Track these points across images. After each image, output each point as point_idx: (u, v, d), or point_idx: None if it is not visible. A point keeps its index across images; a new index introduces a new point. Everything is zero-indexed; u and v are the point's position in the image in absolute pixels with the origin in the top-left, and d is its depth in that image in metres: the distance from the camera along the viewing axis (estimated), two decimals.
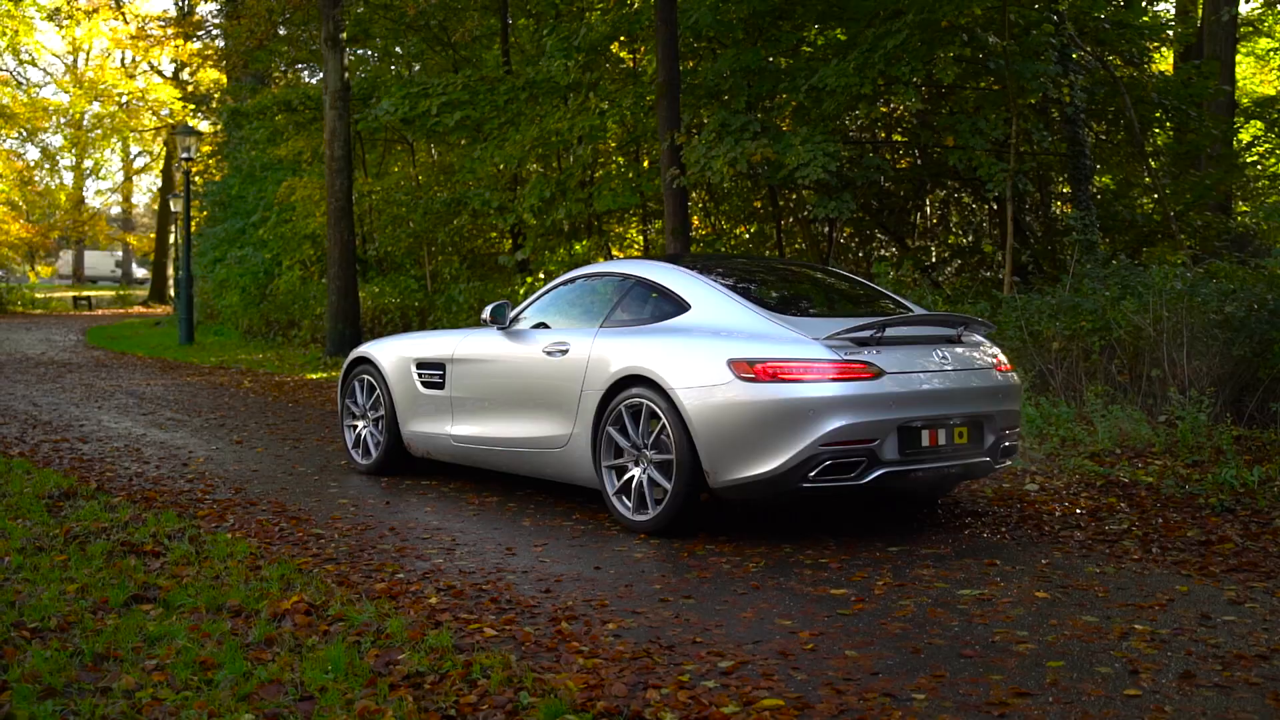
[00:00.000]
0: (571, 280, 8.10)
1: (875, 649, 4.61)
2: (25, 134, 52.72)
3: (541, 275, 18.70)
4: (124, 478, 8.64)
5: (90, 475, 8.69)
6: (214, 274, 28.63)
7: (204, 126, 37.92)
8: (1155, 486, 7.73)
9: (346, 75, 18.51)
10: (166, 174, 51.23)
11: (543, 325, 7.89)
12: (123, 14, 48.35)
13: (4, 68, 47.04)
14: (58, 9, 44.28)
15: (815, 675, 4.31)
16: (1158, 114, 16.27)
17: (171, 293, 43.83)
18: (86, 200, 64.96)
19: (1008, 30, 13.48)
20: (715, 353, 6.47)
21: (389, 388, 8.82)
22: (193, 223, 28.69)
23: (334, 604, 5.14)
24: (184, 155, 25.13)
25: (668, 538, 6.66)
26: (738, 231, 19.60)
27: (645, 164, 19.07)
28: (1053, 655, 4.52)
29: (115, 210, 72.97)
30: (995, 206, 16.71)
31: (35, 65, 56.42)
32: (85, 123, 56.79)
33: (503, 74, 18.25)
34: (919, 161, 17.45)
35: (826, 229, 17.94)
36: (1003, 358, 7.18)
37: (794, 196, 17.83)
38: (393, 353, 8.92)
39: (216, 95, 38.23)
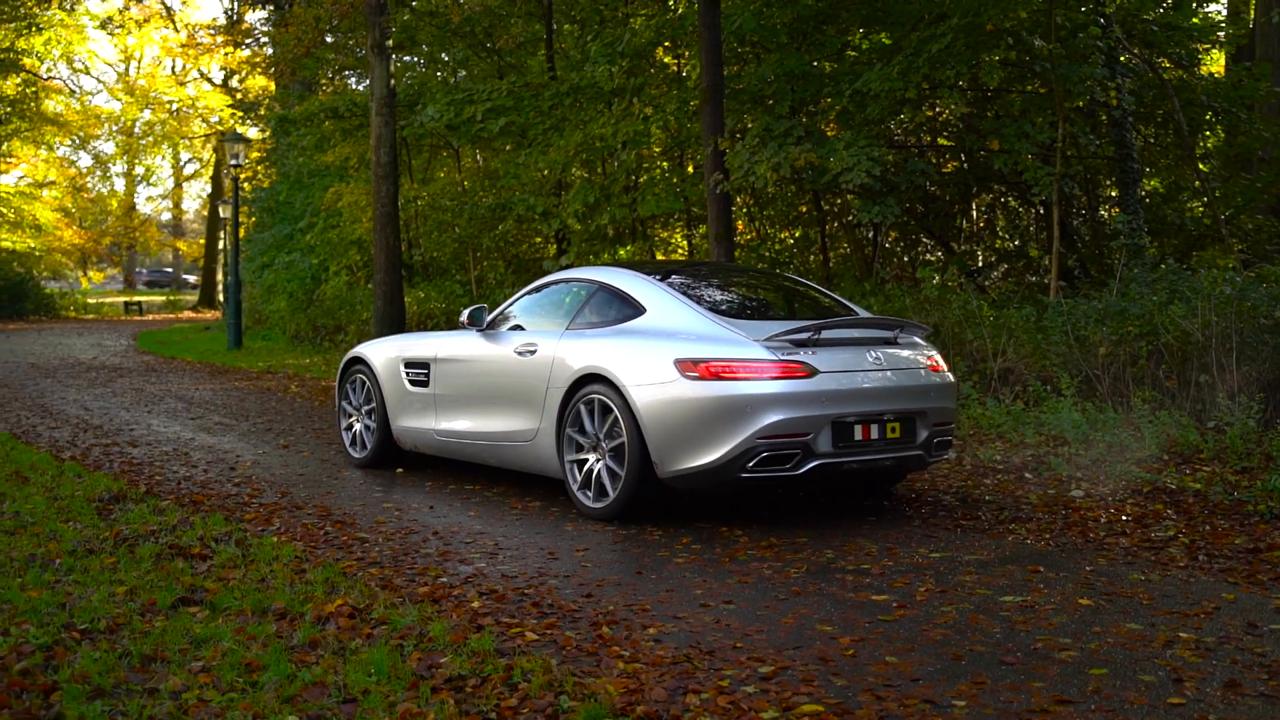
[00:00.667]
0: (545, 285, 8.65)
1: (916, 655, 4.60)
2: (78, 141, 53.48)
3: None
4: (173, 481, 8.75)
5: (140, 479, 8.81)
6: (262, 279, 28.89)
7: (252, 133, 38.28)
8: (1203, 493, 7.66)
9: (392, 82, 18.61)
10: (216, 180, 51.74)
11: (518, 327, 8.44)
12: (173, 22, 48.98)
13: (58, 76, 47.74)
14: (110, 18, 44.90)
15: (855, 681, 4.31)
16: (1208, 116, 16.09)
17: (220, 298, 44.29)
18: (138, 206, 65.83)
19: (1054, 33, 13.38)
20: (664, 353, 7.01)
21: (380, 386, 9.44)
22: (241, 229, 28.97)
23: (377, 607, 5.19)
24: (233, 162, 25.41)
25: (624, 523, 7.19)
26: (782, 236, 19.56)
27: (689, 169, 19.07)
28: (1095, 663, 4.49)
29: (166, 216, 73.81)
30: (1042, 210, 16.59)
31: (88, 73, 57.37)
32: (136, 130, 57.59)
33: (547, 80, 18.30)
34: (965, 165, 17.35)
35: (871, 233, 17.88)
36: (938, 358, 7.60)
37: (839, 201, 17.78)
38: (384, 353, 9.53)
39: (265, 102, 38.57)
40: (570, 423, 7.47)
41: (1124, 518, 7.14)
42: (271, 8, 30.63)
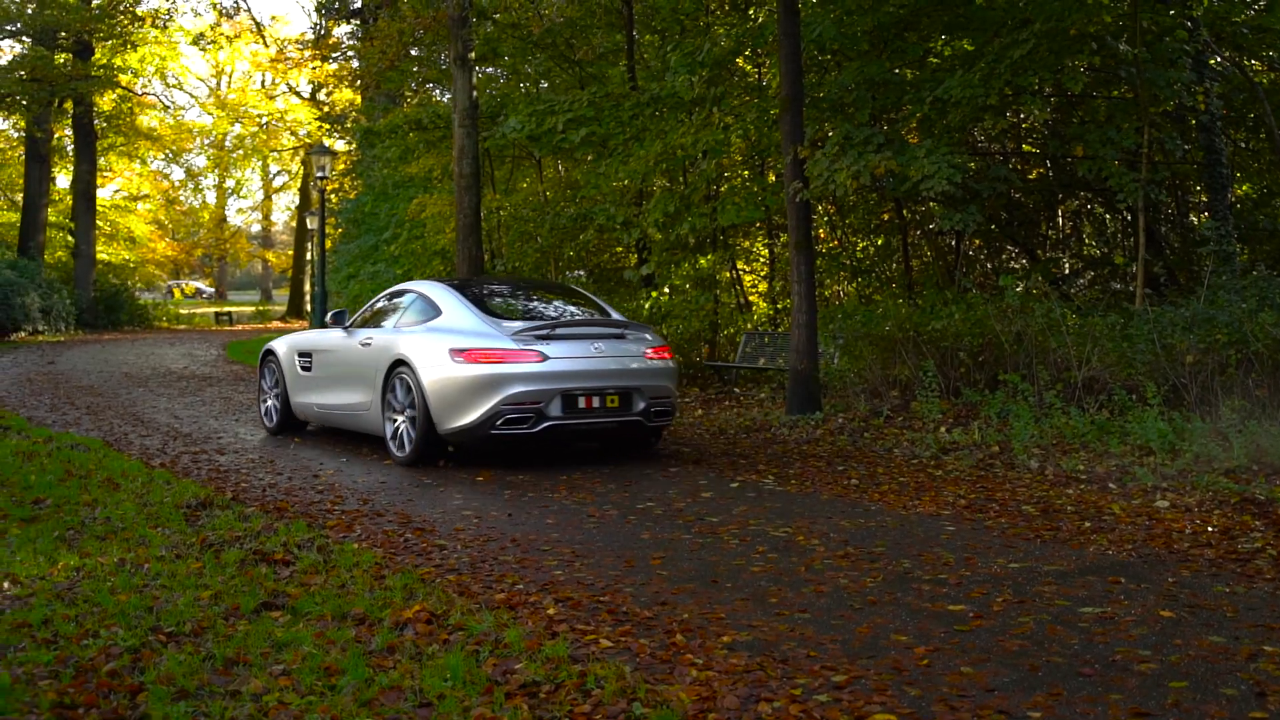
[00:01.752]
0: (390, 294, 11.43)
1: (991, 666, 4.56)
2: (171, 155, 54.58)
3: (666, 290, 18.76)
4: (258, 488, 8.92)
5: (226, 486, 8.99)
6: (348, 289, 29.20)
7: (339, 146, 38.83)
8: None
9: (475, 94, 18.77)
10: (304, 192, 52.58)
11: (370, 325, 11.11)
12: (263, 38, 49.83)
13: (152, 92, 48.75)
14: (202, 34, 45.75)
15: (929, 691, 4.28)
16: None
17: (308, 308, 44.95)
18: (228, 218, 67.09)
19: (1139, 37, 13.17)
20: (443, 344, 9.77)
21: (283, 371, 12.25)
22: (328, 240, 29.39)
23: (454, 613, 5.25)
24: (319, 174, 25.77)
25: (416, 467, 9.83)
26: (863, 244, 19.43)
27: (770, 178, 19.01)
28: (1176, 676, 4.42)
29: (255, 228, 75.09)
30: (1128, 217, 16.32)
31: (181, 89, 58.55)
32: (227, 143, 58.69)
33: (628, 90, 18.33)
34: (1049, 172, 17.12)
35: (953, 241, 17.71)
36: (658, 351, 10.13)
37: (921, 209, 17.63)
38: (285, 346, 12.39)
39: (351, 115, 39.10)
40: (388, 396, 10.17)
41: (1210, 529, 7.01)
42: (357, 22, 31.07)
